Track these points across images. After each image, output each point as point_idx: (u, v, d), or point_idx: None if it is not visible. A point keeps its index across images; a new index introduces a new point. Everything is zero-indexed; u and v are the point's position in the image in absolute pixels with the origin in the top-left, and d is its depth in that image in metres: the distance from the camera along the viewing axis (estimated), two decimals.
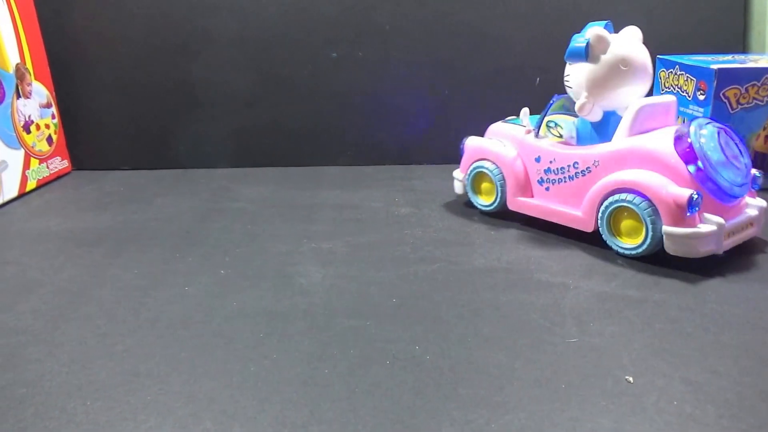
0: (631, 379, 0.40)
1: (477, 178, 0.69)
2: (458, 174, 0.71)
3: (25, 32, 0.80)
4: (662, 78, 0.86)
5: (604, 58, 0.58)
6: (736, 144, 0.57)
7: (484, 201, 0.69)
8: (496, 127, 0.69)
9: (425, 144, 0.92)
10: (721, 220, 0.54)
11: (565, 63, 0.60)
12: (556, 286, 0.53)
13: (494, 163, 0.67)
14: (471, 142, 0.69)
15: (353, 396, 0.38)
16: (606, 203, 0.58)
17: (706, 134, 0.55)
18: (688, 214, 0.53)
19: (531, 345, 0.44)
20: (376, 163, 0.91)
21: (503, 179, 0.66)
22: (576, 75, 0.59)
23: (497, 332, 0.46)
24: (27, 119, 0.81)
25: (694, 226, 0.53)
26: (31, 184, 0.81)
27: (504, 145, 0.66)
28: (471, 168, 0.69)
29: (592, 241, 0.63)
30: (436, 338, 0.45)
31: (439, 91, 0.90)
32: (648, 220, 0.55)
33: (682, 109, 0.81)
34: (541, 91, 0.90)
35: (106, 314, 0.49)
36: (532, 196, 0.65)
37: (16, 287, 0.54)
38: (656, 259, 0.58)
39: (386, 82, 0.89)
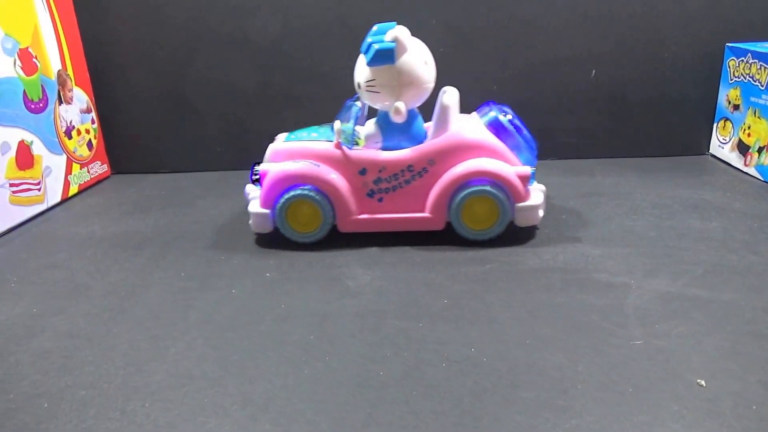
0: (703, 382, 0.40)
1: (291, 209, 0.62)
2: (257, 208, 0.63)
3: (66, 39, 0.84)
4: (731, 67, 0.85)
5: (407, 57, 0.59)
6: (520, 120, 0.65)
7: (304, 231, 0.63)
8: (289, 148, 0.63)
9: None
10: (543, 186, 0.64)
11: (371, 67, 0.59)
12: (616, 286, 0.52)
13: (314, 187, 0.61)
14: (273, 170, 0.62)
15: (411, 398, 0.39)
16: (459, 196, 0.60)
17: (504, 118, 0.63)
18: (528, 187, 0.61)
19: (593, 347, 0.44)
20: None
21: (329, 202, 0.62)
22: (383, 78, 0.59)
23: (556, 334, 0.46)
24: (69, 125, 0.84)
25: (532, 197, 0.62)
26: (73, 189, 0.84)
27: (318, 165, 0.62)
28: (284, 199, 0.61)
29: (652, 239, 0.62)
30: (491, 340, 0.45)
31: (487, 86, 0.90)
32: (502, 201, 0.60)
33: (753, 99, 0.79)
34: (595, 83, 0.89)
35: (156, 317, 0.51)
36: (363, 212, 0.63)
37: (66, 291, 0.56)
38: (724, 257, 0.57)
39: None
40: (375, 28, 0.61)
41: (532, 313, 0.49)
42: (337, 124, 0.61)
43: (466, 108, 0.67)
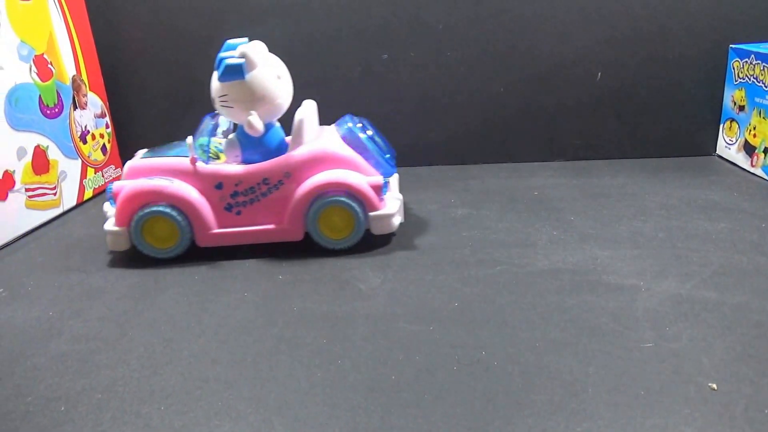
0: (715, 386, 0.39)
1: (147, 225, 0.61)
2: (113, 227, 0.62)
3: (80, 45, 0.84)
4: (735, 69, 0.84)
5: (258, 73, 0.59)
6: (375, 131, 0.66)
7: (162, 248, 0.62)
8: (145, 165, 0.63)
9: (479, 143, 0.91)
10: (399, 195, 0.65)
11: (223, 83, 0.59)
12: (626, 288, 0.52)
13: (170, 204, 0.60)
14: (128, 187, 0.61)
15: (423, 402, 0.39)
16: (315, 207, 0.61)
17: (358, 128, 0.64)
18: (382, 196, 0.62)
19: (603, 350, 0.44)
20: (429, 163, 0.91)
21: (186, 218, 0.61)
22: (234, 93, 0.59)
23: (566, 337, 0.45)
24: (83, 129, 0.84)
25: (387, 205, 0.62)
26: (88, 193, 0.85)
27: (171, 181, 0.61)
28: (137, 216, 0.60)
29: (660, 240, 0.61)
30: (502, 343, 0.45)
31: (493, 89, 0.89)
32: (356, 210, 0.61)
33: (758, 99, 0.79)
34: (600, 85, 0.88)
35: (170, 320, 0.51)
36: (221, 226, 0.62)
37: (82, 294, 0.56)
38: (733, 259, 0.56)
39: (438, 82, 0.89)
40: (226, 43, 0.61)
41: (543, 315, 0.48)
42: (189, 139, 0.61)
43: (480, 112, 0.67)
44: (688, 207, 0.70)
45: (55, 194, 0.78)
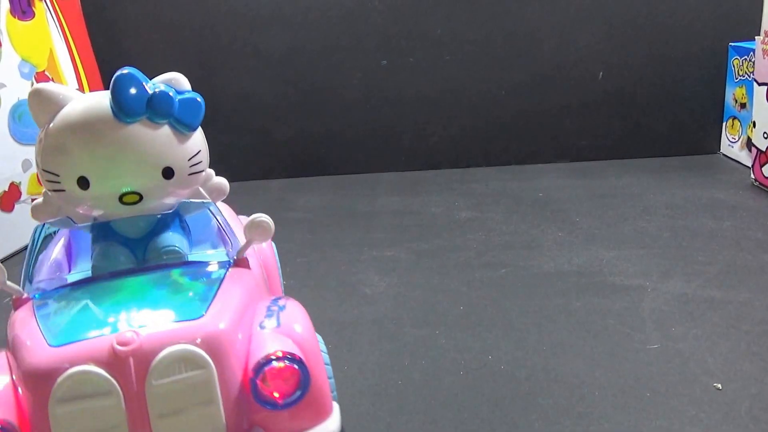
0: (720, 385, 0.40)
1: None
2: None
3: (81, 61, 0.85)
4: (736, 66, 0.84)
5: None
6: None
7: None
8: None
9: (482, 145, 0.92)
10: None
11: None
12: (632, 289, 0.52)
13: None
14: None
15: (430, 408, 0.39)
16: None
17: None
18: None
19: (610, 352, 0.44)
20: (433, 167, 0.92)
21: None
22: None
23: (573, 339, 0.46)
24: None
25: None
26: None
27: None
28: None
29: (666, 239, 0.62)
30: (508, 347, 0.45)
31: (495, 91, 0.90)
32: None
33: None
34: (604, 85, 0.89)
35: None
36: None
37: None
38: (738, 257, 0.56)
39: (439, 86, 0.90)
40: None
41: (549, 318, 0.49)
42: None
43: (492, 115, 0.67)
44: (693, 206, 0.70)
45: None
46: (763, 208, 0.68)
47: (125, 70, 0.35)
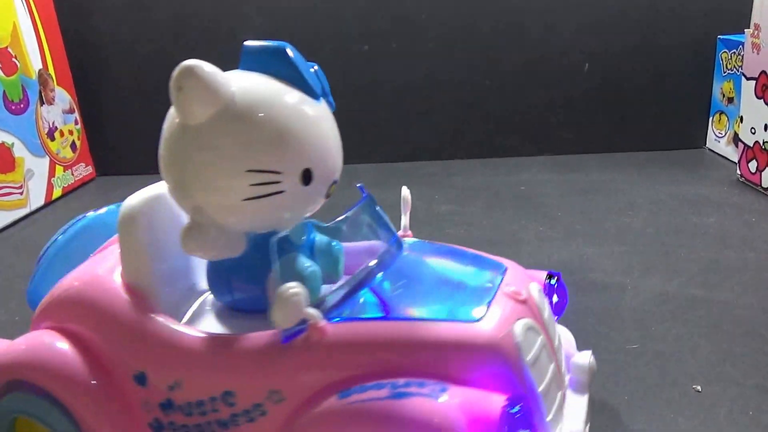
0: (699, 387, 0.39)
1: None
2: None
3: (47, 38, 0.83)
4: (724, 60, 0.84)
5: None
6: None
7: None
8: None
9: (463, 137, 0.91)
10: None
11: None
12: (612, 287, 0.52)
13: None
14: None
15: None
16: None
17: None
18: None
19: None
20: (412, 159, 0.91)
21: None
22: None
23: None
24: (51, 126, 0.83)
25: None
26: (57, 192, 0.83)
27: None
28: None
29: (648, 236, 0.61)
30: None
31: (478, 80, 0.89)
32: None
33: None
34: (588, 76, 0.88)
35: None
36: None
37: None
38: (721, 254, 0.56)
39: (421, 73, 0.89)
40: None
41: None
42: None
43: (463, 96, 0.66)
44: (677, 202, 0.70)
45: (21, 193, 0.76)
46: (748, 205, 0.68)
47: (288, 48, 0.32)
